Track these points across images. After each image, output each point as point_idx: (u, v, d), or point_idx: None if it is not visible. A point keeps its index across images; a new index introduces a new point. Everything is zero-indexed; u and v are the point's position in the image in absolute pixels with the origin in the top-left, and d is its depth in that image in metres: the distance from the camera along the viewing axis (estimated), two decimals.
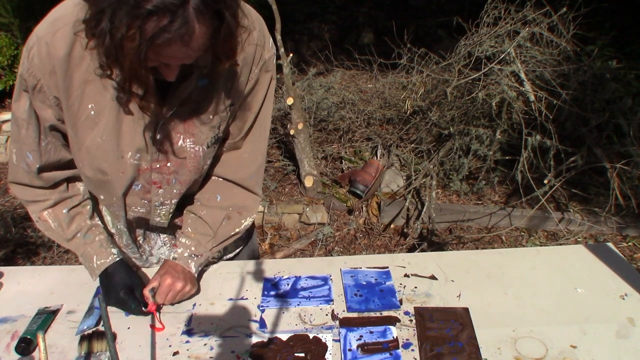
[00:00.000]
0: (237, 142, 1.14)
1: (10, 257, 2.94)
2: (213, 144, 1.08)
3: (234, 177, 1.18)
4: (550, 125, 3.00)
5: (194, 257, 1.19)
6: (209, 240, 1.20)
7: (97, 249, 1.16)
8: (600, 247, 1.39)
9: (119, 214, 1.18)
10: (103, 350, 1.07)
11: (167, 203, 1.15)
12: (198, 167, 1.09)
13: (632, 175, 2.99)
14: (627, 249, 2.97)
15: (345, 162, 3.78)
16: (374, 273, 1.31)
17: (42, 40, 0.89)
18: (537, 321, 1.13)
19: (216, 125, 1.05)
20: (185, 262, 1.18)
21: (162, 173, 1.07)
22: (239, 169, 1.18)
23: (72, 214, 1.16)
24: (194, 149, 1.05)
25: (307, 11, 6.72)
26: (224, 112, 1.04)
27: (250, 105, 1.10)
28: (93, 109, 0.96)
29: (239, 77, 1.02)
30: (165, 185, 1.10)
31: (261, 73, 1.06)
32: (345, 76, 4.79)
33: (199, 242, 1.19)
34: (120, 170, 1.03)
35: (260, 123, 1.14)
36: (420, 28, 5.80)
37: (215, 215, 1.19)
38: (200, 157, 1.07)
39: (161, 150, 1.03)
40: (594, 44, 3.66)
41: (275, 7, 2.97)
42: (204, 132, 1.04)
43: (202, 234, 1.20)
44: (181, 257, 1.18)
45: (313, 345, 1.08)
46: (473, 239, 3.10)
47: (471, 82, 3.33)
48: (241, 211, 1.22)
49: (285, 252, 2.98)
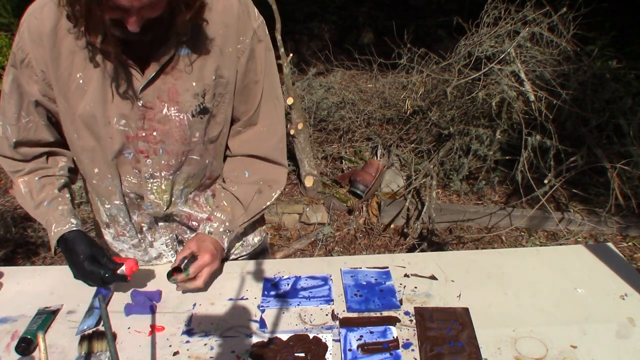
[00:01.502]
0: (251, 118, 1.16)
1: (10, 257, 2.94)
2: (199, 114, 1.07)
3: (257, 152, 1.20)
4: (550, 125, 3.00)
5: (227, 232, 1.20)
6: (241, 215, 1.21)
7: (58, 217, 1.14)
8: (600, 247, 1.39)
9: (114, 188, 1.17)
10: (103, 350, 1.07)
11: (157, 176, 1.13)
12: (184, 136, 1.08)
13: (632, 175, 2.99)
14: (627, 249, 2.97)
15: (345, 162, 3.78)
16: (374, 273, 1.31)
17: (31, 16, 0.97)
18: (537, 321, 1.13)
19: (200, 94, 1.04)
20: (220, 238, 1.19)
21: (149, 142, 1.07)
22: (261, 144, 1.19)
23: (43, 182, 1.17)
24: (178, 118, 1.05)
25: (307, 11, 6.72)
26: (209, 80, 1.04)
27: (253, 78, 1.11)
28: (81, 78, 1.00)
29: (226, 46, 1.03)
30: (152, 155, 1.09)
31: (254, 43, 1.07)
32: (345, 76, 4.79)
33: (234, 217, 1.20)
34: (108, 135, 1.05)
35: (270, 94, 1.15)
36: (420, 28, 5.80)
37: (247, 190, 1.20)
38: (186, 126, 1.06)
39: (146, 118, 1.04)
40: (594, 44, 3.67)
41: (275, 7, 2.98)
42: (188, 100, 1.04)
43: (236, 209, 1.20)
44: (217, 232, 1.18)
45: (313, 345, 1.08)
46: (473, 239, 3.10)
47: (471, 82, 3.33)
48: (272, 184, 1.24)
49: (285, 252, 2.99)
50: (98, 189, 1.19)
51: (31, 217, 1.20)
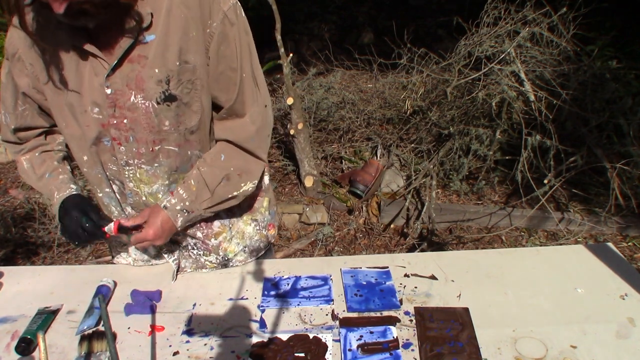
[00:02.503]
0: (234, 107, 1.12)
1: (10, 257, 2.94)
2: (164, 101, 1.04)
3: (235, 139, 1.16)
4: (550, 125, 3.00)
5: (184, 212, 1.15)
6: (206, 199, 1.16)
7: (59, 185, 1.19)
8: (600, 247, 1.39)
9: (102, 175, 1.18)
10: (103, 350, 1.07)
11: (131, 163, 1.12)
12: (151, 124, 1.07)
13: (632, 175, 2.99)
14: (627, 249, 2.97)
15: (345, 162, 3.78)
16: (374, 273, 1.31)
17: None
18: (537, 321, 1.13)
19: (163, 80, 1.02)
20: (174, 216, 1.15)
21: (120, 129, 1.07)
22: (239, 132, 1.15)
23: (44, 157, 1.23)
24: (144, 105, 1.04)
25: (307, 11, 6.72)
26: (172, 66, 1.02)
27: (229, 65, 1.07)
28: (63, 68, 1.03)
29: (190, 30, 1.00)
30: (124, 143, 1.09)
31: (225, 27, 1.03)
32: (345, 76, 4.79)
33: (196, 198, 1.15)
34: (85, 124, 1.08)
35: (250, 82, 1.11)
36: (420, 28, 5.80)
37: (215, 173, 1.16)
38: (152, 113, 1.05)
39: (117, 105, 1.05)
40: (594, 44, 3.67)
41: (275, 7, 2.97)
42: (152, 87, 1.02)
43: (202, 191, 1.16)
44: (172, 208, 1.14)
45: (313, 345, 1.08)
46: (473, 239, 3.10)
47: (471, 82, 3.33)
48: (242, 174, 1.18)
49: (285, 252, 2.99)
50: (89, 176, 1.19)
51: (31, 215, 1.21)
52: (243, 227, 1.35)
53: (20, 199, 3.46)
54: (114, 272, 1.35)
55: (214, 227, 1.31)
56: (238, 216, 1.34)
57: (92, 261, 2.86)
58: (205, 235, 1.30)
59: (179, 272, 1.34)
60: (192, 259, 1.34)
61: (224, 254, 1.34)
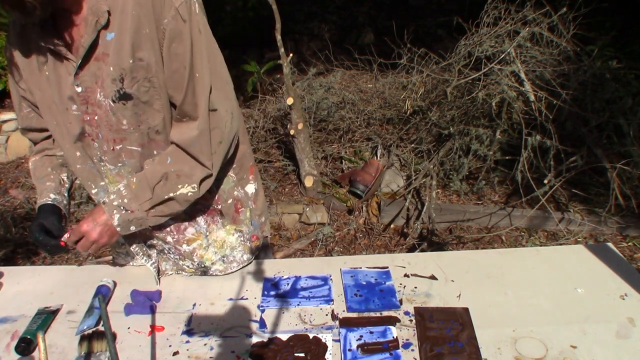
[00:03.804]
0: (183, 107, 1.08)
1: (10, 257, 2.94)
2: (119, 100, 1.03)
3: (178, 140, 1.10)
4: (550, 125, 3.00)
5: (122, 209, 1.11)
6: (147, 200, 1.11)
7: (43, 191, 1.24)
8: (600, 247, 1.39)
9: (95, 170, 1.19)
10: (103, 350, 1.07)
11: (105, 159, 1.13)
12: (110, 122, 1.06)
13: (632, 175, 2.99)
14: (627, 249, 2.97)
15: (345, 162, 3.78)
16: (374, 273, 1.31)
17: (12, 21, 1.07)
18: (537, 321, 1.13)
19: (117, 78, 1.01)
20: (110, 212, 1.11)
21: (92, 126, 1.10)
22: (183, 134, 1.10)
23: (44, 161, 1.29)
24: (105, 103, 1.04)
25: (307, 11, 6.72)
26: (126, 64, 1.00)
27: (182, 63, 1.03)
28: (47, 70, 1.06)
29: (142, 27, 0.99)
30: (96, 139, 1.11)
31: (177, 23, 1.00)
32: (345, 76, 4.78)
33: (136, 197, 1.11)
34: (68, 121, 1.10)
35: (197, 82, 1.05)
36: (420, 28, 5.80)
37: (156, 172, 1.11)
38: (109, 112, 1.05)
39: (88, 102, 1.07)
40: (594, 44, 3.66)
41: (275, 7, 2.97)
42: (108, 85, 1.02)
43: (143, 190, 1.11)
44: (109, 204, 1.11)
45: (313, 345, 1.08)
46: (473, 239, 3.10)
47: (471, 82, 3.33)
48: (180, 175, 1.11)
49: (285, 252, 2.99)
50: (83, 173, 1.19)
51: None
52: (224, 236, 1.31)
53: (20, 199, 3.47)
54: (114, 272, 1.35)
55: (187, 234, 1.27)
56: (219, 225, 1.30)
57: (92, 261, 2.86)
58: (176, 241, 1.28)
59: (161, 275, 1.34)
60: (171, 261, 1.35)
61: (199, 260, 1.31)
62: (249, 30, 5.97)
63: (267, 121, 4.07)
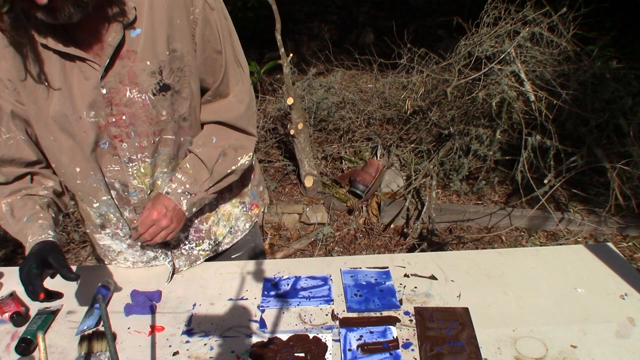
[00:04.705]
0: (220, 88, 1.16)
1: (10, 257, 2.94)
2: (160, 92, 1.07)
3: (224, 119, 1.19)
4: (550, 125, 3.00)
5: (187, 194, 1.17)
6: (206, 180, 1.18)
7: (35, 230, 1.09)
8: (600, 247, 1.39)
9: (98, 184, 1.16)
10: (103, 350, 1.07)
11: (134, 159, 1.13)
12: (150, 116, 1.08)
13: (632, 175, 2.99)
14: (627, 249, 2.97)
15: (345, 162, 3.78)
16: (373, 273, 1.31)
17: None
18: (537, 321, 1.13)
19: (156, 71, 1.05)
20: (177, 199, 1.16)
21: (120, 126, 1.08)
22: (228, 112, 1.19)
23: (26, 200, 1.13)
24: (141, 98, 1.06)
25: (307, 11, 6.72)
26: (163, 56, 1.04)
27: (214, 48, 1.11)
28: (45, 80, 1.01)
29: (174, 18, 1.03)
30: (126, 139, 1.10)
31: (206, 12, 1.06)
32: (345, 76, 4.78)
33: (195, 180, 1.18)
34: (82, 130, 1.06)
35: (234, 62, 1.16)
36: (420, 28, 5.80)
37: (211, 152, 1.19)
38: (149, 105, 1.07)
39: (113, 104, 1.05)
40: (594, 44, 3.66)
41: (275, 7, 2.97)
42: (146, 79, 1.04)
43: (200, 172, 1.18)
44: (174, 192, 1.16)
45: (313, 345, 1.08)
46: (473, 239, 3.10)
47: (471, 82, 3.33)
48: (237, 149, 1.22)
49: (285, 252, 2.99)
50: (83, 188, 1.17)
51: None
52: (230, 209, 1.38)
53: None
54: (114, 273, 1.35)
55: (204, 211, 1.33)
56: (226, 199, 1.37)
57: (92, 261, 2.86)
58: (199, 221, 1.33)
59: (175, 273, 1.35)
60: (184, 256, 1.35)
61: (214, 238, 1.37)
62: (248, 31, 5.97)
63: (267, 121, 4.07)
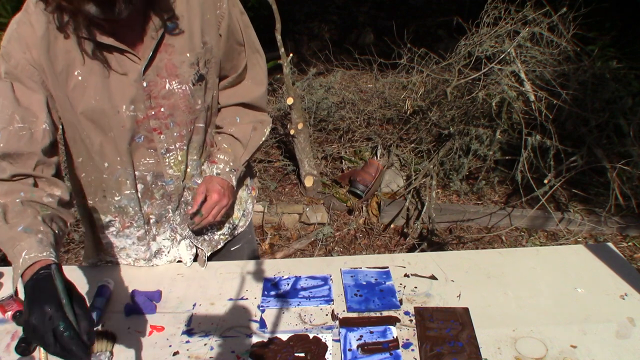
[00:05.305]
0: (240, 74, 1.25)
1: None
2: (198, 81, 1.14)
3: (246, 99, 1.29)
4: (550, 125, 3.00)
5: (233, 171, 1.27)
6: (243, 154, 1.29)
7: (34, 244, 0.87)
8: (600, 247, 1.39)
9: (125, 178, 1.17)
10: (103, 351, 1.07)
11: (172, 149, 1.18)
12: (190, 105, 1.15)
13: (632, 175, 2.99)
14: (627, 249, 2.97)
15: (345, 162, 3.78)
16: (374, 273, 1.31)
17: (20, 23, 1.01)
18: (537, 321, 1.13)
19: (194, 62, 1.11)
20: (228, 177, 1.26)
21: (159, 118, 1.13)
22: (249, 94, 1.29)
23: (25, 207, 0.95)
24: (181, 89, 1.11)
25: (307, 11, 6.72)
26: (199, 49, 1.11)
27: (236, 39, 1.19)
28: (80, 75, 1.02)
29: (205, 13, 1.10)
30: (165, 130, 1.14)
31: (230, 7, 1.15)
32: (345, 76, 4.78)
33: (236, 157, 1.28)
34: (120, 124, 1.09)
35: (252, 50, 1.25)
36: (420, 28, 5.79)
37: (244, 130, 1.29)
38: (189, 95, 1.13)
39: (152, 97, 1.09)
40: (594, 44, 3.66)
41: (275, 7, 2.97)
42: (186, 70, 1.10)
43: (237, 149, 1.29)
44: (224, 172, 1.26)
45: (313, 345, 1.08)
46: (473, 239, 3.10)
47: (471, 82, 3.33)
48: (262, 121, 1.34)
49: (285, 252, 2.99)
50: (108, 182, 1.19)
51: None
52: (240, 193, 1.45)
53: None
54: (114, 272, 1.35)
55: None
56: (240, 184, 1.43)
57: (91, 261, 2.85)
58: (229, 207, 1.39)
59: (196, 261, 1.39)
60: (206, 242, 1.38)
61: (233, 221, 1.42)
62: None
63: None
